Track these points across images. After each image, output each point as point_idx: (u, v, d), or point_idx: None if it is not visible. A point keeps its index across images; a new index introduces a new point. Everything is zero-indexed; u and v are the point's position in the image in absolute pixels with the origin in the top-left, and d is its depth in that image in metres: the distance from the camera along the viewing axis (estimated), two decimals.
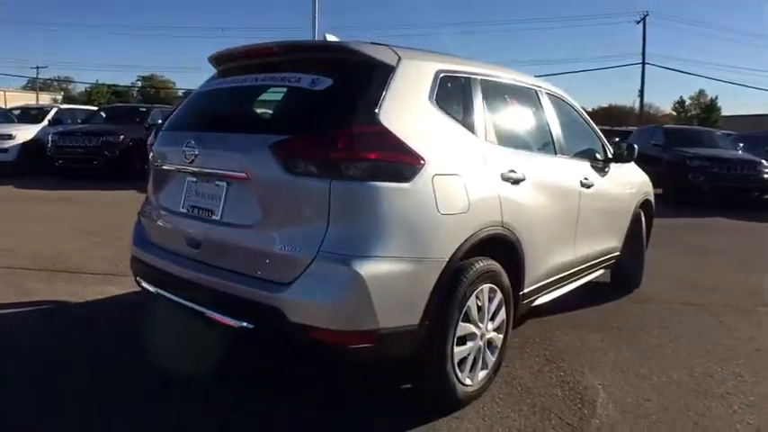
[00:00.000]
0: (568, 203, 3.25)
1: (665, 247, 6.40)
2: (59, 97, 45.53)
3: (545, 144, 3.25)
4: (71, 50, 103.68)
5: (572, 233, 3.34)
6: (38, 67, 48.61)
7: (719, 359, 3.21)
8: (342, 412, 2.48)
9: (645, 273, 4.78)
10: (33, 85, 49.64)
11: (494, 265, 2.53)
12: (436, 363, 2.30)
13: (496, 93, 2.93)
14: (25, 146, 11.93)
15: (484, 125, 2.65)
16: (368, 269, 2.00)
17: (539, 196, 2.89)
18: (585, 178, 3.46)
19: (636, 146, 4.02)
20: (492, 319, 2.59)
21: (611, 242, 4.01)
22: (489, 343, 2.61)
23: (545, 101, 3.35)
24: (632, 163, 4.63)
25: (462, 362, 2.43)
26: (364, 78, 2.23)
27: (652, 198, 4.74)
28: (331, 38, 2.67)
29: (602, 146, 3.97)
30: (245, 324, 2.14)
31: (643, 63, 32.47)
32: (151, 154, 2.83)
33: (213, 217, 2.35)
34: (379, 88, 2.20)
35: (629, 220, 4.23)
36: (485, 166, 2.53)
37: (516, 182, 2.70)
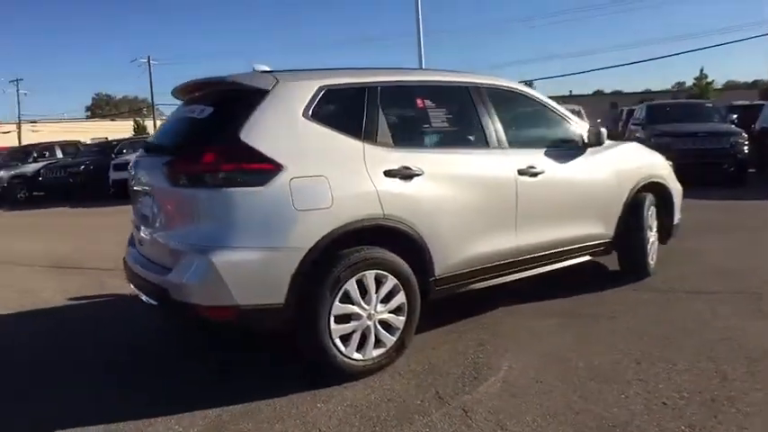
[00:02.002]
0: (496, 192, 3.34)
1: (718, 233, 5.79)
2: None
3: (470, 138, 3.39)
4: None
5: (509, 221, 3.41)
6: None
7: (667, 347, 3.05)
8: (240, 379, 2.93)
9: (673, 260, 4.58)
10: None
11: (379, 252, 2.83)
12: (310, 337, 2.68)
13: (401, 98, 3.20)
14: None
15: (375, 130, 2.95)
16: (220, 257, 2.50)
17: (445, 188, 3.08)
18: (530, 167, 3.49)
19: (604, 130, 3.86)
20: (384, 302, 2.88)
21: (589, 229, 3.91)
22: (388, 325, 2.90)
23: (479, 97, 3.45)
24: (634, 144, 4.44)
25: (347, 338, 2.77)
26: (237, 104, 2.75)
27: (665, 180, 4.44)
28: (261, 67, 3.14)
29: (573, 132, 3.91)
30: (154, 302, 2.78)
31: None
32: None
33: (149, 221, 3.02)
34: (247, 111, 2.68)
35: (621, 206, 4.07)
36: (362, 166, 2.83)
37: (407, 177, 2.94)
